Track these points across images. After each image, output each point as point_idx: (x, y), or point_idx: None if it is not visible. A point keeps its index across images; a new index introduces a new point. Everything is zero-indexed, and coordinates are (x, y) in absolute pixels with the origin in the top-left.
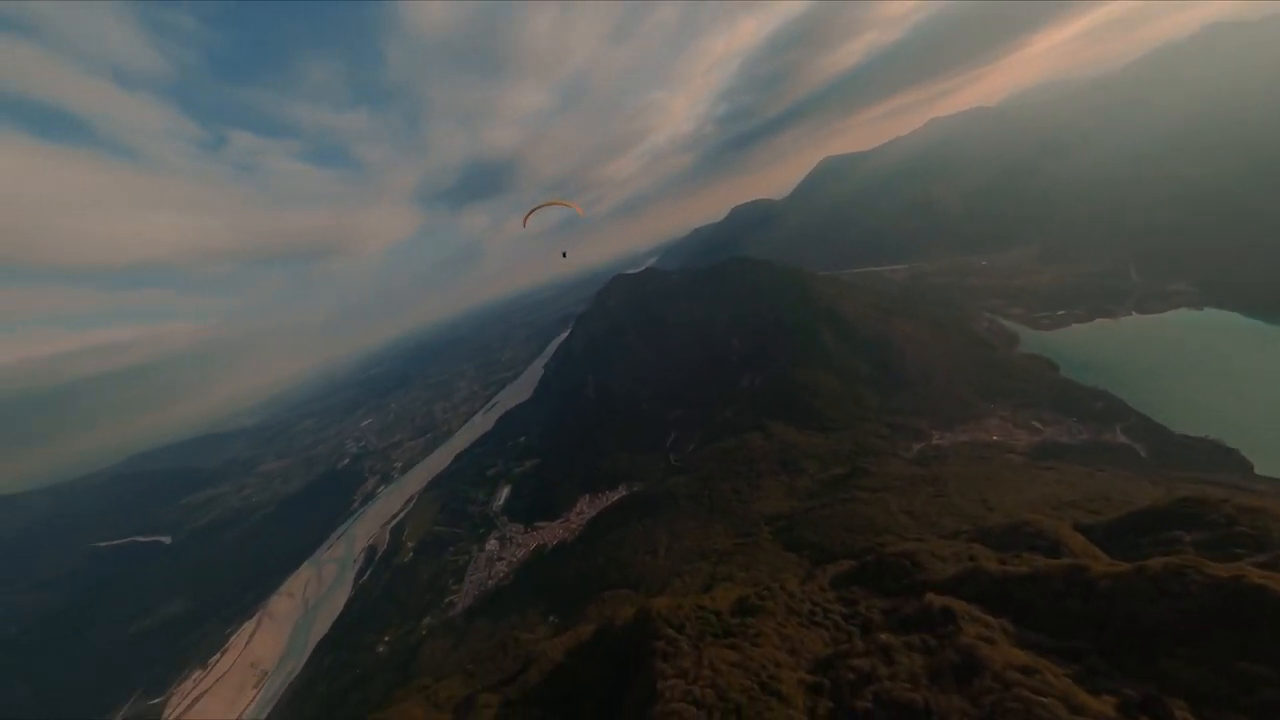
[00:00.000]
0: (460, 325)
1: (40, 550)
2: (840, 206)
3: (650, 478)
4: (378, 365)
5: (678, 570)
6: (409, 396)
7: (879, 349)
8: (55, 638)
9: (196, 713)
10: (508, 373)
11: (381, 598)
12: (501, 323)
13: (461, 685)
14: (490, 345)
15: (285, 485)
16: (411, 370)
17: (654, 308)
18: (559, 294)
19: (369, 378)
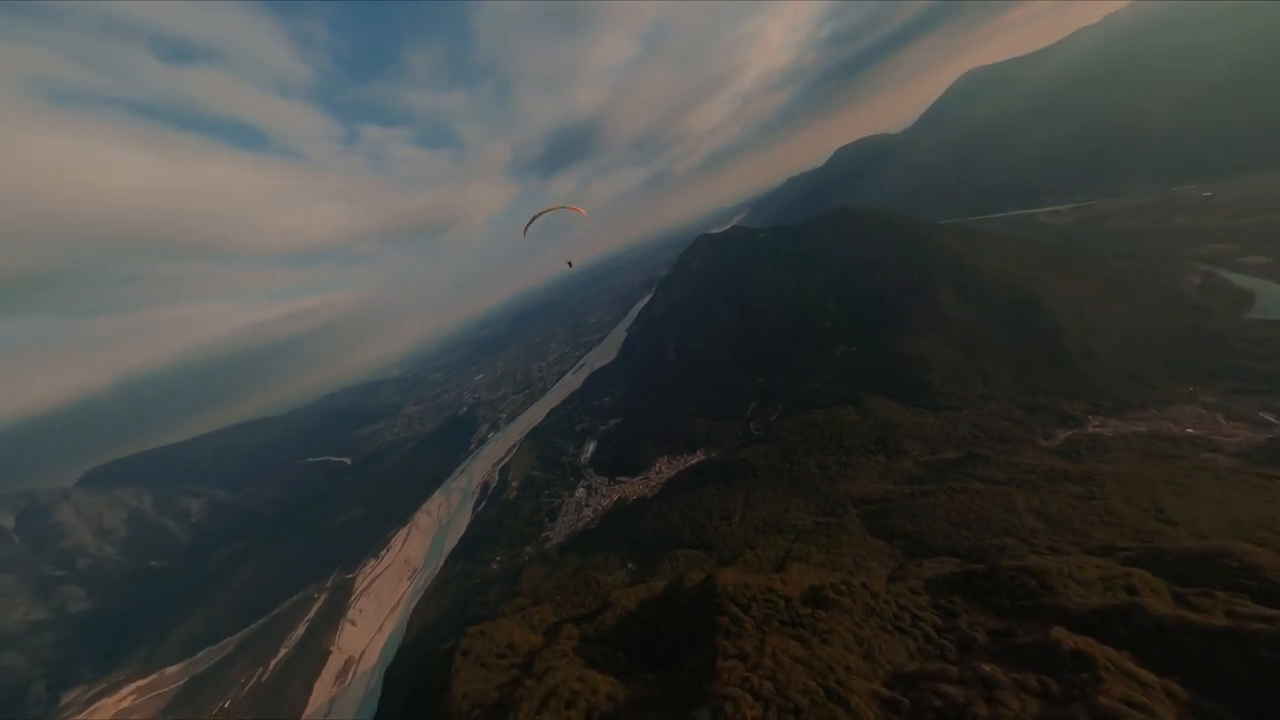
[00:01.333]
0: (553, 290)
1: (275, 461)
2: (982, 134)
3: (728, 445)
4: (487, 327)
5: (751, 540)
6: (511, 356)
7: (1021, 314)
8: (288, 524)
9: (374, 589)
10: (594, 335)
11: (493, 525)
12: (589, 287)
13: (551, 612)
14: (578, 310)
15: (422, 426)
16: (513, 332)
17: (738, 269)
18: (645, 256)
19: (480, 338)
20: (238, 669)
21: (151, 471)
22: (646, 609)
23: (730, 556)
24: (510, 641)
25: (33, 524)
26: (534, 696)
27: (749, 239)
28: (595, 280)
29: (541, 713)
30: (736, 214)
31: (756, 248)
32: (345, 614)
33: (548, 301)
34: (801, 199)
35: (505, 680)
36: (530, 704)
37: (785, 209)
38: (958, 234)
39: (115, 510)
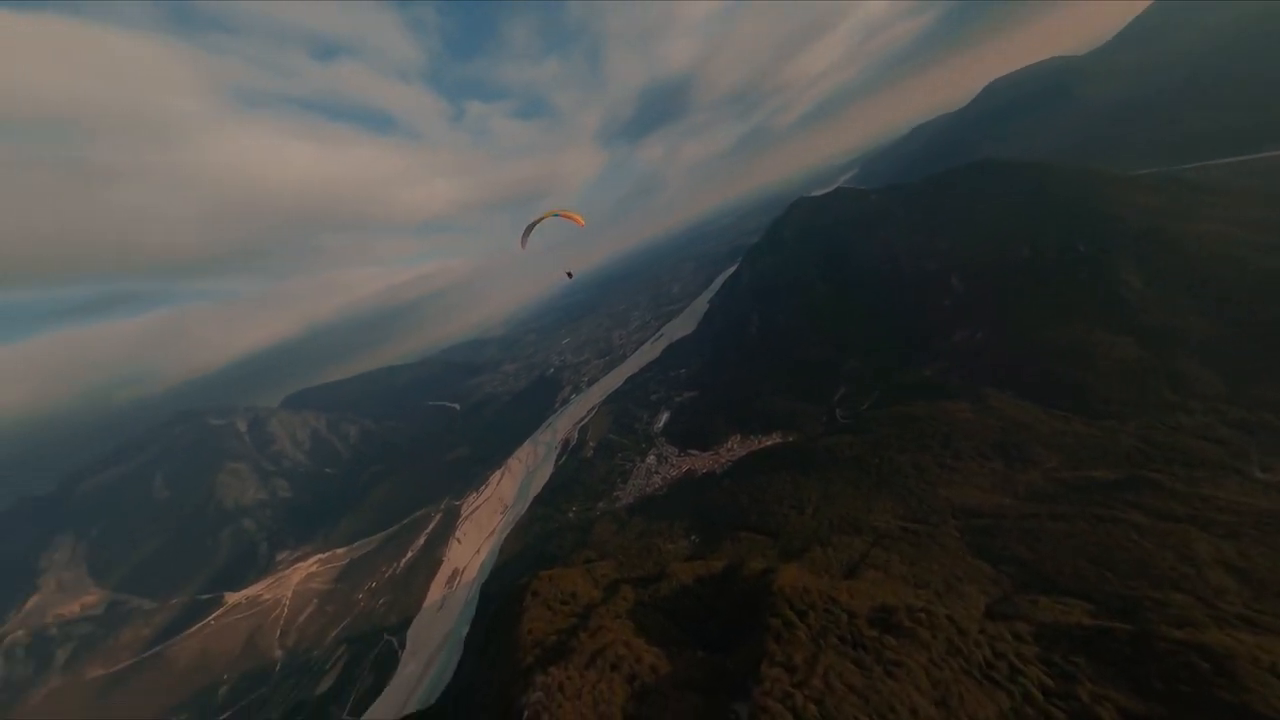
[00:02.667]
0: (637, 257)
1: (406, 401)
2: (1220, 42)
3: (809, 430)
4: (575, 294)
5: (822, 536)
6: (594, 322)
7: (1245, 298)
8: (414, 453)
9: (475, 517)
10: (675, 305)
11: (571, 478)
12: (673, 255)
13: (613, 569)
14: (661, 278)
15: (516, 382)
16: (597, 300)
17: (839, 237)
18: (735, 222)
19: (568, 304)
20: (379, 561)
21: (325, 400)
22: (702, 585)
23: (797, 549)
24: (573, 591)
25: (255, 431)
26: (584, 650)
27: (856, 202)
28: (680, 248)
29: (588, 670)
30: (844, 172)
31: (864, 212)
32: (454, 533)
33: (632, 270)
34: (930, 151)
35: (564, 626)
36: (580, 657)
37: (907, 164)
38: (1154, 189)
39: (303, 427)
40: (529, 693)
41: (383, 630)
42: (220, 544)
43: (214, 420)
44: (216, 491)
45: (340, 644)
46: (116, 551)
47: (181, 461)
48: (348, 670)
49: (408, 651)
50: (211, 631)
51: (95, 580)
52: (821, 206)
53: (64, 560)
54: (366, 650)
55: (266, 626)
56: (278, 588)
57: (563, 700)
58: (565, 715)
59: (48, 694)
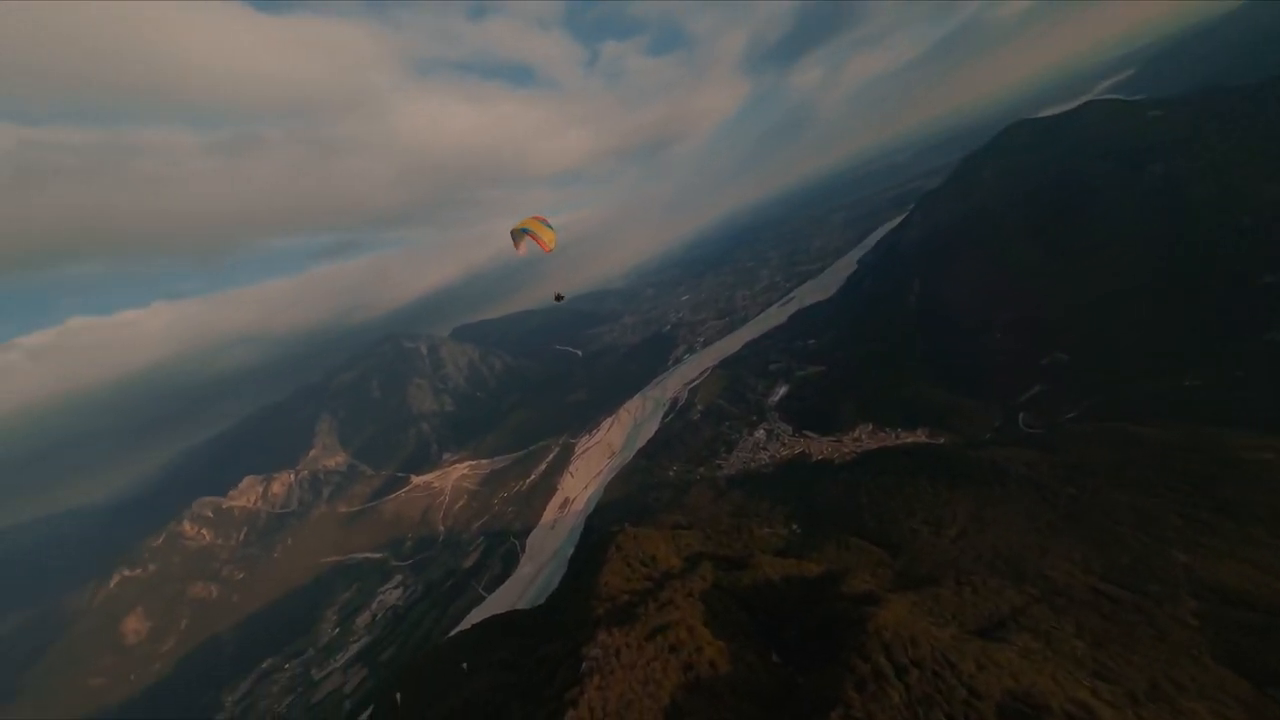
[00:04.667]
0: (774, 206)
1: (538, 342)
2: None
3: (969, 432)
4: (699, 247)
5: (961, 570)
6: (717, 279)
7: None
8: (542, 390)
9: (586, 455)
10: (813, 265)
11: (675, 438)
12: (820, 204)
13: (699, 541)
14: (800, 231)
15: (632, 336)
16: (723, 254)
17: (1077, 176)
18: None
19: (690, 258)
20: (510, 476)
21: (478, 335)
22: (790, 587)
23: (919, 578)
24: (654, 554)
25: (431, 355)
26: (649, 622)
27: (1124, 120)
28: (829, 195)
29: (646, 643)
30: (1107, 77)
31: (1135, 137)
32: (568, 466)
33: (765, 221)
34: (1267, 37)
35: (638, 589)
36: (643, 627)
37: (1226, 59)
38: None
39: (463, 356)
40: (590, 646)
41: (509, 533)
42: (409, 438)
43: (406, 343)
44: (407, 398)
45: (480, 534)
46: (352, 430)
47: (387, 372)
48: (484, 556)
49: (526, 555)
50: (403, 500)
51: (342, 446)
52: (1054, 131)
53: (325, 430)
54: (497, 544)
55: (434, 506)
56: (442, 480)
57: (617, 666)
58: (615, 683)
59: (318, 516)
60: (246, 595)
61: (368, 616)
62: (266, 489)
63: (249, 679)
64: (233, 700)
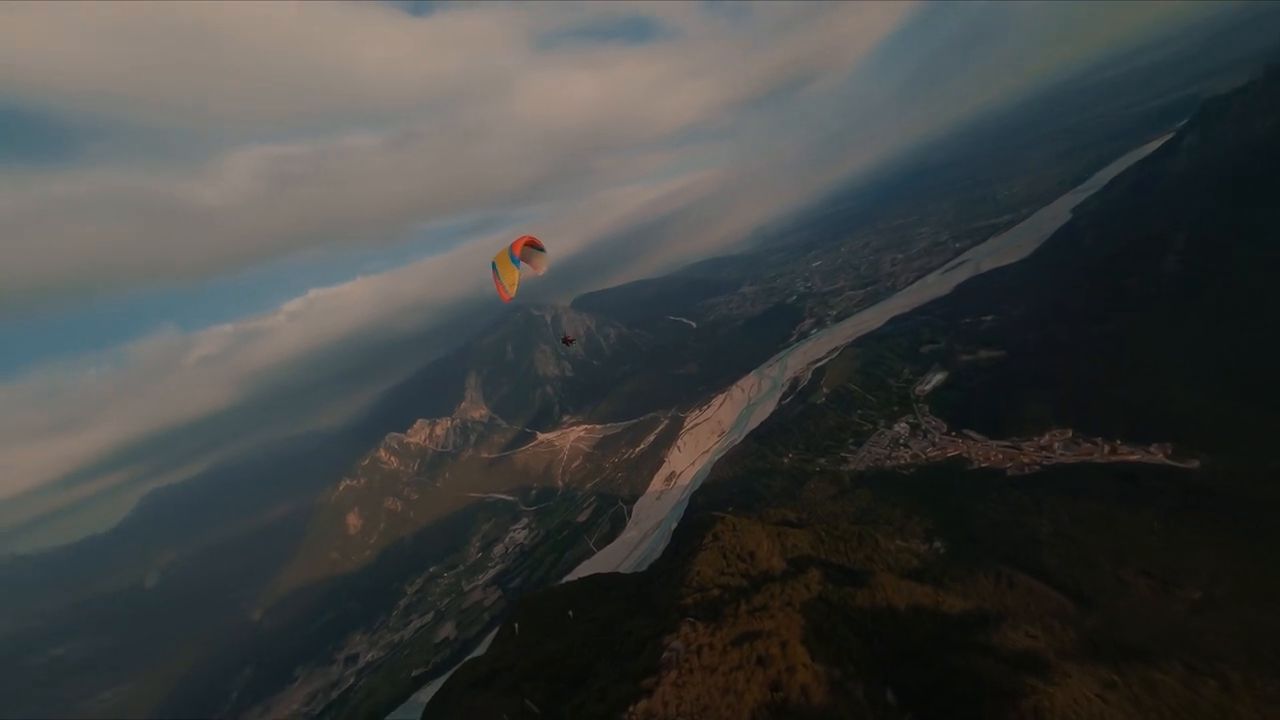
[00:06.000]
0: (945, 146)
1: (651, 313)
2: None
3: (1249, 458)
4: (840, 203)
5: (1206, 654)
6: (860, 241)
7: None
8: (653, 361)
9: (695, 432)
10: (998, 218)
11: (794, 422)
12: (1012, 137)
13: (808, 543)
14: (983, 175)
15: (752, 307)
16: (871, 210)
17: None
18: (1172, 59)
19: (828, 216)
20: (621, 443)
21: (595, 305)
22: (919, 619)
23: (1119, 650)
24: (754, 550)
25: (555, 323)
26: (737, 625)
27: None
28: (1025, 126)
29: (731, 649)
30: None
31: None
32: (675, 440)
33: (929, 166)
34: None
35: (731, 585)
36: (730, 630)
37: None
38: None
39: (581, 325)
40: (672, 637)
41: (618, 496)
42: (535, 398)
43: (534, 311)
44: (534, 362)
45: (592, 494)
46: (492, 387)
47: (518, 337)
48: (595, 514)
49: (632, 520)
50: (530, 453)
51: (485, 401)
52: None
53: (472, 386)
54: (607, 506)
55: (555, 462)
56: (561, 439)
57: (696, 665)
58: (692, 683)
59: (466, 458)
60: (419, 512)
61: (501, 548)
62: (432, 431)
63: (421, 578)
64: (411, 590)
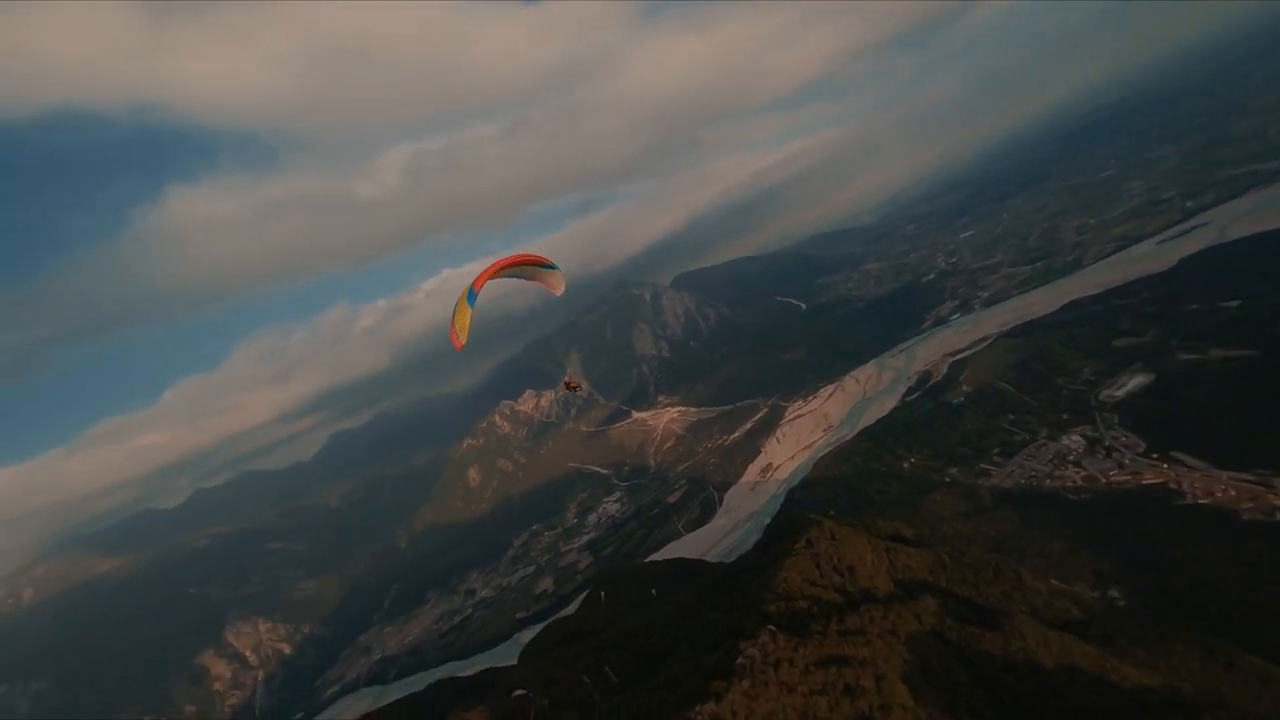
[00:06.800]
0: (1165, 73)
1: (755, 292)
2: None
3: None
4: (1002, 159)
5: None
6: (1030, 204)
7: None
8: (754, 344)
9: (797, 424)
10: (1262, 163)
11: (920, 422)
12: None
13: (926, 566)
14: (1232, 103)
15: (876, 287)
16: (1050, 163)
17: None
18: None
19: (985, 176)
20: (715, 428)
21: (695, 284)
22: (1074, 682)
23: None
24: (854, 565)
25: (653, 302)
26: (825, 645)
27: None
28: None
29: (814, 670)
30: None
31: None
32: (775, 430)
33: (1139, 101)
34: None
35: (822, 598)
36: (816, 649)
37: None
38: None
39: (680, 305)
40: (749, 644)
41: (709, 482)
42: (632, 376)
43: (633, 290)
44: (632, 341)
45: (683, 476)
46: (592, 363)
47: (617, 316)
48: (685, 497)
49: (723, 508)
50: (625, 430)
51: (586, 376)
52: None
53: (574, 361)
54: (697, 491)
55: (648, 441)
56: (655, 419)
57: (772, 679)
58: (765, 697)
59: (567, 429)
60: (525, 475)
61: (595, 517)
62: (538, 401)
63: (526, 533)
64: (518, 542)
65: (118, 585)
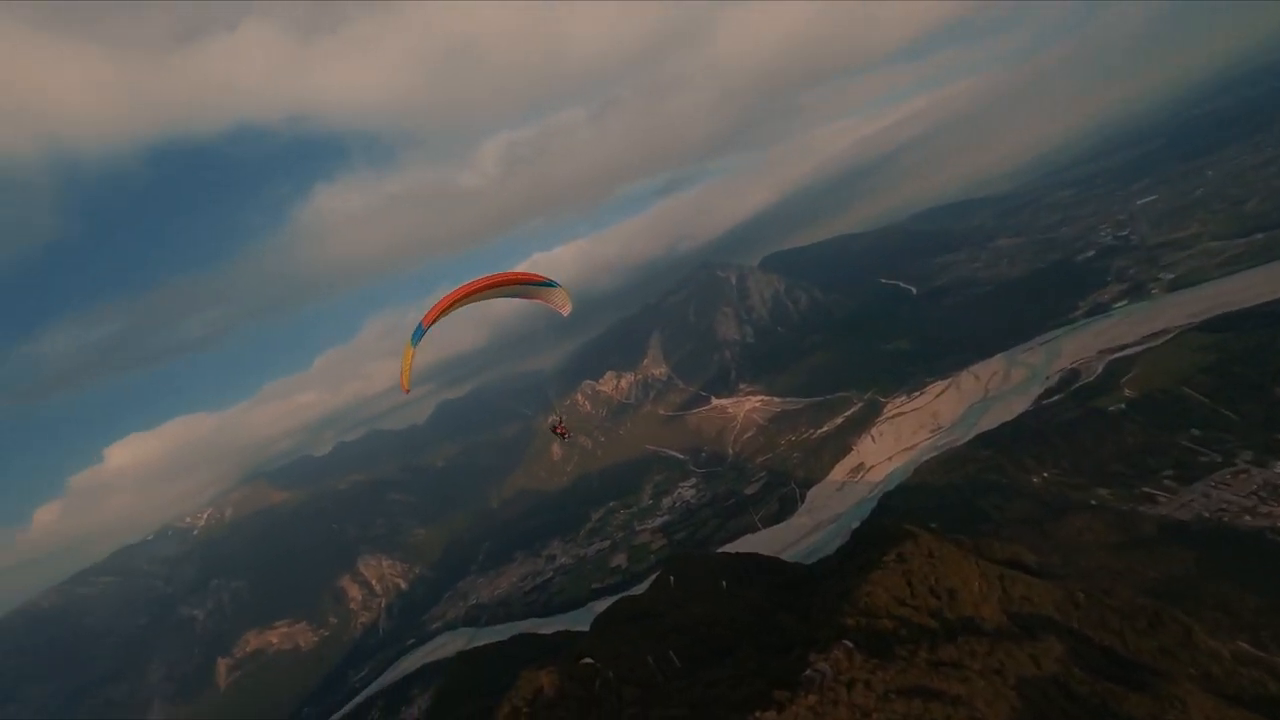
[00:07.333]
0: None
1: (855, 274)
2: None
3: None
4: (1204, 102)
5: None
6: (1248, 158)
7: None
8: (850, 331)
9: (897, 422)
10: None
11: (1058, 431)
12: None
13: (1050, 599)
14: None
15: (1010, 267)
16: (1276, 104)
17: None
18: None
19: (1180, 125)
20: (800, 421)
21: (787, 264)
22: None
23: None
24: (956, 589)
25: (739, 284)
26: (909, 674)
27: None
28: None
29: (891, 700)
30: None
31: None
32: (869, 428)
33: None
34: None
35: (910, 620)
36: (896, 674)
37: None
38: None
39: (768, 288)
40: (820, 657)
41: (791, 478)
42: (713, 362)
43: (719, 272)
44: (715, 324)
45: (763, 469)
46: (673, 346)
47: (702, 298)
48: (764, 490)
49: (804, 507)
50: (703, 416)
51: (665, 359)
52: None
53: (655, 344)
54: (777, 485)
55: (727, 429)
56: (736, 407)
57: (842, 700)
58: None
59: (645, 411)
60: (604, 453)
61: (670, 500)
62: (618, 382)
63: (602, 509)
64: (595, 517)
65: (286, 513)
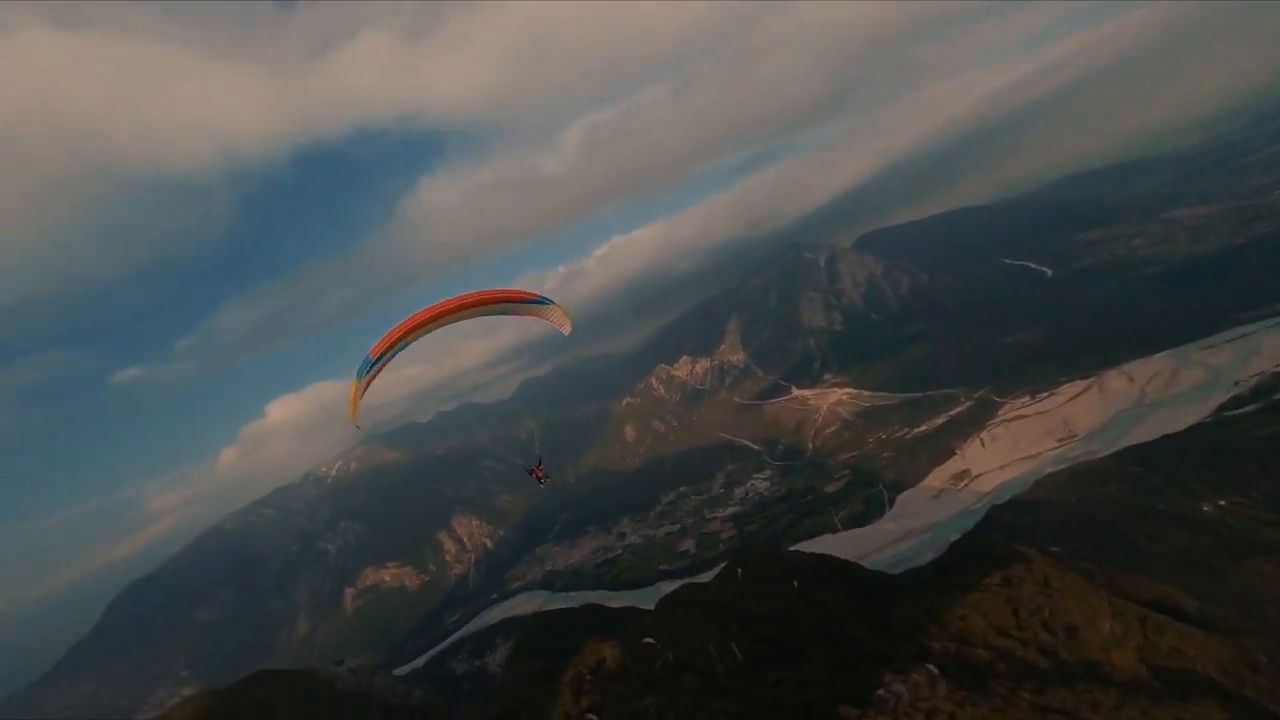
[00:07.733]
0: None
1: (972, 254)
2: None
3: None
4: None
5: None
6: None
7: None
8: (961, 320)
9: (1016, 426)
10: None
11: (1246, 450)
12: None
13: (1213, 656)
14: None
15: (1191, 243)
16: None
17: None
18: None
19: None
20: (893, 419)
21: (887, 244)
22: None
23: None
24: (1077, 626)
25: (828, 267)
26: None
27: None
28: None
29: None
30: None
31: None
32: (980, 430)
33: None
34: None
35: (1010, 652)
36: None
37: None
38: None
39: (862, 270)
40: (896, 678)
41: (879, 479)
42: (795, 349)
43: (807, 254)
44: (799, 310)
45: (847, 467)
46: (751, 332)
47: (786, 281)
48: (847, 490)
49: (894, 511)
50: (782, 406)
51: (743, 346)
52: None
53: (732, 329)
54: (863, 485)
55: (807, 422)
56: (819, 399)
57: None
58: None
59: (720, 398)
60: (676, 437)
61: (742, 491)
62: (693, 368)
63: (673, 493)
64: (665, 500)
65: (395, 471)
